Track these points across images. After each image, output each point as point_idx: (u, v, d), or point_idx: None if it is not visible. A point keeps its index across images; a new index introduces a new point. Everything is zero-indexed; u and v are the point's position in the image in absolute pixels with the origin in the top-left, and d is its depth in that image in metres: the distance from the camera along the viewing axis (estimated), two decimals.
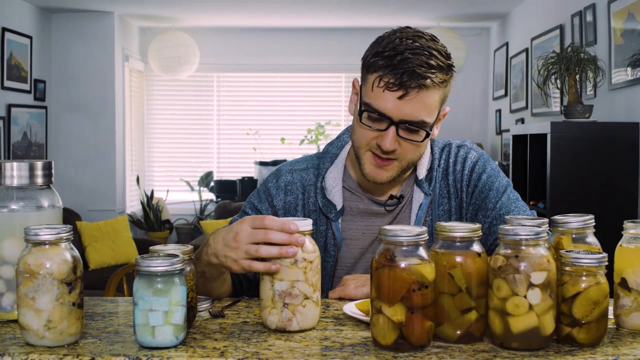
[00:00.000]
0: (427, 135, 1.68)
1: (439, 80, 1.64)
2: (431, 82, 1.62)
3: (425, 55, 1.62)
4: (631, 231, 1.42)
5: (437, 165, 1.83)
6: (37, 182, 1.46)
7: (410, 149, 1.69)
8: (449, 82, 1.69)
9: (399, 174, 1.74)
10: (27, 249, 1.30)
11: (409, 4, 6.85)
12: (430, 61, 1.62)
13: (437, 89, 1.65)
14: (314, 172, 1.87)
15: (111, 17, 7.22)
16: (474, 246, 1.32)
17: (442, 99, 1.69)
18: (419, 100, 1.63)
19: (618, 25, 4.32)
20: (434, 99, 1.65)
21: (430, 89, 1.63)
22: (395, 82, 1.61)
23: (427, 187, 1.81)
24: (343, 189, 1.85)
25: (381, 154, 1.69)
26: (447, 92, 1.71)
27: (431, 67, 1.62)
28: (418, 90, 1.61)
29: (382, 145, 1.66)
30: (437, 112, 1.70)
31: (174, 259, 1.29)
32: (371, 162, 1.72)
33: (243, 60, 8.24)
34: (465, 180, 1.82)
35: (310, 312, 1.41)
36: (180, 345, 1.30)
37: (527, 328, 1.25)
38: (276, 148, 8.35)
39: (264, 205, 1.86)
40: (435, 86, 1.63)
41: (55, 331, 1.29)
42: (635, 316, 1.39)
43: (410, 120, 1.64)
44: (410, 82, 1.60)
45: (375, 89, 1.64)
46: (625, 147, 4.03)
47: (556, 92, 5.09)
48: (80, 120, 7.25)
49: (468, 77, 8.10)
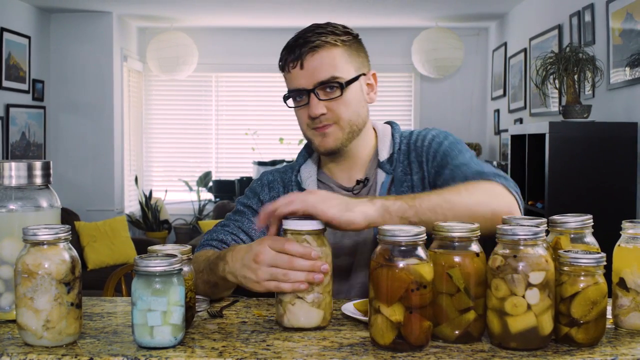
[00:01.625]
0: (342, 87, 1.77)
1: (331, 40, 1.77)
2: (321, 42, 1.76)
3: (315, 29, 1.80)
4: (629, 231, 1.42)
5: (397, 148, 1.90)
6: (36, 182, 1.46)
7: (338, 108, 1.79)
8: (349, 44, 1.81)
9: (347, 138, 1.83)
10: (26, 249, 1.30)
11: (407, 4, 6.86)
12: (318, 30, 1.79)
13: (332, 47, 1.77)
14: (291, 171, 2.00)
15: (110, 17, 7.22)
16: (472, 246, 1.32)
17: (349, 56, 1.80)
18: (319, 61, 1.76)
19: (616, 25, 4.32)
20: (334, 56, 1.77)
21: (325, 48, 1.77)
22: (294, 57, 1.78)
23: (389, 167, 1.88)
24: (318, 181, 1.95)
25: (317, 124, 1.80)
26: (356, 53, 1.83)
27: (321, 34, 1.78)
28: (312, 53, 1.76)
29: (311, 113, 1.79)
30: (352, 70, 1.81)
31: (172, 259, 1.29)
32: (315, 135, 1.83)
33: (242, 60, 8.25)
34: (425, 152, 1.87)
35: (300, 311, 1.41)
36: (178, 346, 1.30)
37: (525, 328, 1.26)
38: (275, 148, 8.34)
39: (253, 201, 1.96)
40: (328, 44, 1.77)
41: (54, 331, 1.29)
42: (633, 316, 1.40)
43: (320, 80, 1.77)
44: (303, 48, 1.76)
45: (287, 75, 1.82)
46: (623, 147, 4.03)
47: (554, 92, 5.09)
48: (79, 120, 7.24)
49: (466, 77, 8.10)
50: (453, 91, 8.14)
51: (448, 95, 8.12)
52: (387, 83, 8.32)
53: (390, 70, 8.26)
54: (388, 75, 8.29)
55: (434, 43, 7.25)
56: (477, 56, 8.11)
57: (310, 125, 1.82)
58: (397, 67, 8.21)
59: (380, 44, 8.10)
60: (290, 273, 1.40)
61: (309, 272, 1.40)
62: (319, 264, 1.40)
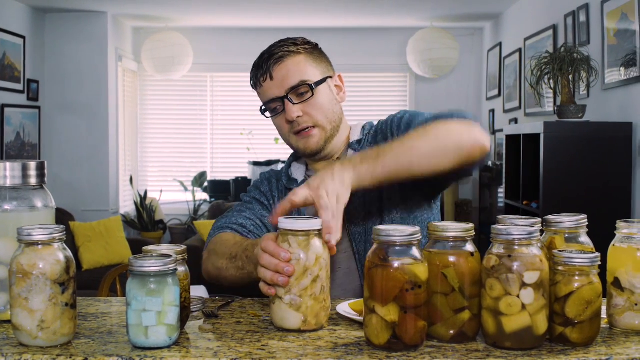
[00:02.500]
0: (311, 88, 1.86)
1: (293, 49, 1.87)
2: (285, 52, 1.86)
3: (275, 44, 1.90)
4: (624, 231, 1.43)
5: (367, 133, 1.99)
6: (30, 182, 1.46)
7: (313, 109, 1.87)
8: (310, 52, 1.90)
9: (327, 139, 1.91)
10: (20, 249, 1.30)
11: (402, 4, 6.86)
12: (280, 44, 1.89)
13: (296, 55, 1.87)
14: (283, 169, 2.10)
15: (104, 17, 7.21)
16: (467, 246, 1.33)
17: (313, 61, 1.89)
18: (286, 69, 1.85)
19: (611, 25, 4.33)
20: (298, 62, 1.87)
21: (290, 57, 1.86)
22: (262, 72, 1.88)
23: (357, 146, 1.96)
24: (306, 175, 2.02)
25: (297, 128, 1.88)
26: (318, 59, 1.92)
27: (282, 46, 1.88)
28: (279, 63, 1.85)
29: (288, 117, 1.86)
30: (318, 73, 1.89)
31: (167, 259, 1.29)
32: (297, 139, 1.91)
33: (237, 60, 8.23)
34: (389, 127, 1.94)
35: (279, 311, 1.41)
36: (173, 346, 1.30)
37: (520, 328, 1.26)
38: (270, 148, 8.34)
39: (255, 193, 2.05)
40: (291, 53, 1.87)
41: (49, 331, 1.28)
42: (628, 316, 1.40)
43: (290, 86, 1.85)
44: (269, 61, 1.86)
45: (260, 90, 1.91)
46: (618, 147, 4.03)
47: (549, 92, 5.10)
48: (74, 121, 7.23)
49: (461, 77, 8.11)
50: (448, 91, 8.14)
51: (443, 96, 8.12)
52: (382, 83, 8.33)
53: (386, 70, 8.26)
54: (383, 75, 8.30)
55: (429, 43, 7.25)
56: (472, 56, 8.12)
57: (290, 131, 1.90)
58: (392, 67, 8.21)
59: (376, 44, 8.11)
60: (260, 270, 1.42)
61: (274, 273, 1.39)
62: (282, 265, 1.38)
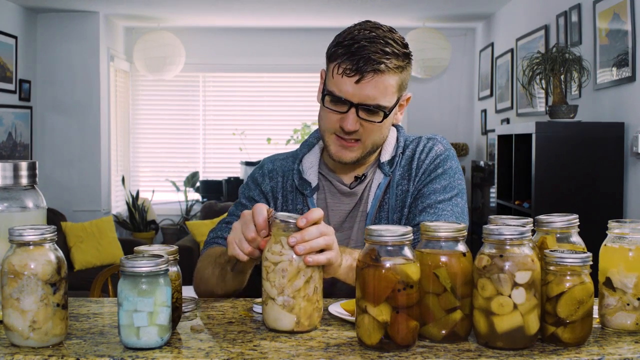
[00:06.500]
0: (385, 116, 1.78)
1: (393, 66, 1.74)
2: (385, 67, 1.73)
3: (380, 44, 1.73)
4: (616, 231, 1.43)
5: (401, 152, 1.93)
6: (22, 182, 1.46)
7: (371, 130, 1.80)
8: (405, 69, 1.79)
9: (363, 156, 1.85)
10: (12, 249, 1.29)
11: (394, 5, 6.86)
12: (385, 48, 1.73)
13: (392, 74, 1.75)
14: (292, 160, 2.01)
15: (96, 17, 7.20)
16: (458, 246, 1.33)
17: (400, 84, 1.79)
18: (375, 84, 1.73)
19: (603, 25, 4.34)
20: (390, 83, 1.75)
21: (385, 74, 1.73)
22: (352, 68, 1.72)
23: (388, 169, 1.90)
24: (319, 174, 1.96)
25: (345, 135, 1.80)
26: (405, 79, 1.81)
27: (386, 54, 1.73)
28: (373, 75, 1.72)
29: (344, 126, 1.77)
30: (396, 97, 1.80)
31: (158, 259, 1.28)
32: (336, 143, 1.83)
33: (229, 60, 8.23)
34: (423, 167, 1.90)
35: (272, 313, 1.40)
36: (165, 346, 1.30)
37: (511, 327, 1.26)
38: (262, 148, 8.33)
39: (255, 192, 1.99)
40: (389, 71, 1.74)
41: (40, 332, 1.28)
42: (620, 315, 1.40)
43: (367, 103, 1.75)
44: (366, 67, 1.71)
45: (336, 76, 1.76)
46: (610, 147, 4.05)
47: (541, 92, 5.11)
48: (66, 121, 7.21)
49: (453, 78, 8.12)
50: (440, 91, 8.15)
51: (435, 96, 8.13)
52: None
53: None
54: None
55: (421, 43, 7.26)
56: (464, 56, 8.13)
57: (334, 132, 1.82)
58: None
59: None
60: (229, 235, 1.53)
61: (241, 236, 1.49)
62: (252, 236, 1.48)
